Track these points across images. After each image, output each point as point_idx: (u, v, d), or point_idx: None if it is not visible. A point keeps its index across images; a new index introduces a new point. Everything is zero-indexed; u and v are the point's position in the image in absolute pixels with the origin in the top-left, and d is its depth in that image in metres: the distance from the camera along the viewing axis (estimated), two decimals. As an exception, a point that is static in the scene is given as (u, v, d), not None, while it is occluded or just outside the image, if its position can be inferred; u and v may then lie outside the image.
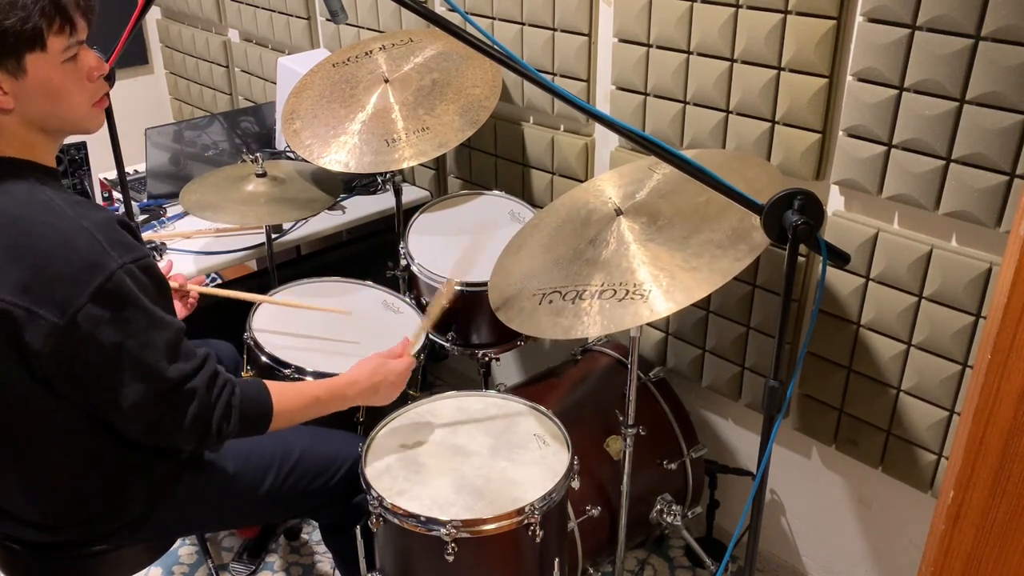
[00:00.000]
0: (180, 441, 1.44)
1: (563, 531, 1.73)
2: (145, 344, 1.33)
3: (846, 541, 2.11)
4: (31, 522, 1.49)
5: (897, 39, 1.59)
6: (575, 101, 1.30)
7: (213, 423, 1.42)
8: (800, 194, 1.24)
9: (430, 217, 2.31)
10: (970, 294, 1.64)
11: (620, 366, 2.16)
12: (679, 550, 2.38)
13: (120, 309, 1.31)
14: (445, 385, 3.00)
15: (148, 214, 2.50)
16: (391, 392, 1.68)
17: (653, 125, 2.05)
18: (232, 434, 1.46)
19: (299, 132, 2.22)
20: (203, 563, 2.36)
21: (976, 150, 1.55)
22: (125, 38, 1.71)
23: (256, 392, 1.50)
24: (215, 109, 3.64)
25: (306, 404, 1.56)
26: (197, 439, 1.43)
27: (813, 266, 1.92)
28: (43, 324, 1.29)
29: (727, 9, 1.82)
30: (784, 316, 1.29)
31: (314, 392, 1.59)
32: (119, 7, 1.89)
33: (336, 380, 1.63)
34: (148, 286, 1.35)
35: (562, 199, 1.97)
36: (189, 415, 1.39)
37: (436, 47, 2.32)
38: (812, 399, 1.98)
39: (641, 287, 1.54)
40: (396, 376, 1.68)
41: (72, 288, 1.28)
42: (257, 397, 1.49)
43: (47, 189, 1.35)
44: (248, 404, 1.47)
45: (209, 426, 1.41)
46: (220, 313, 2.02)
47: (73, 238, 1.30)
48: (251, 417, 1.48)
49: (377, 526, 1.62)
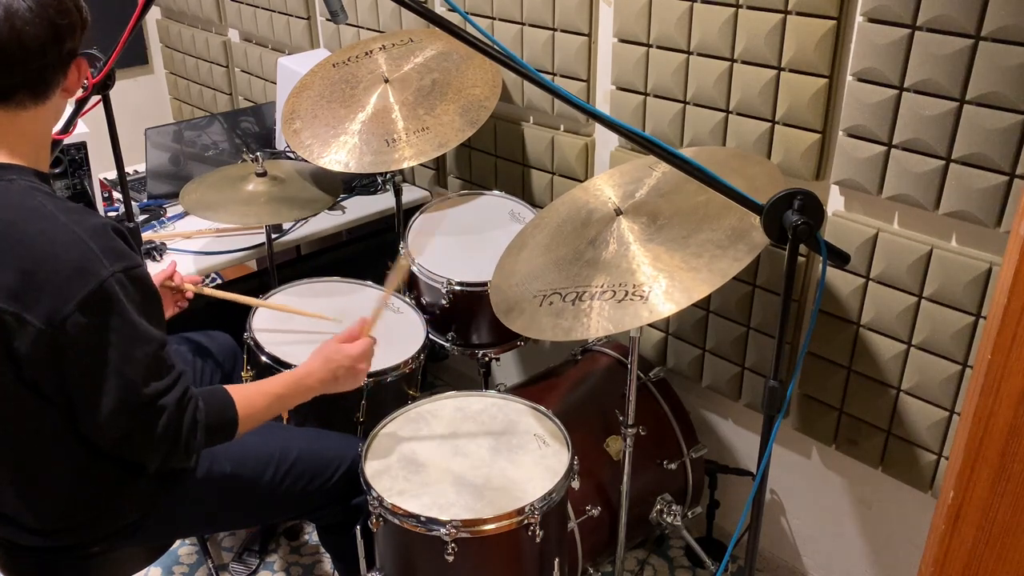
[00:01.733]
0: (148, 455, 1.43)
1: (563, 531, 1.73)
2: (125, 356, 1.32)
3: (846, 541, 2.11)
4: (27, 526, 1.49)
5: (897, 39, 1.59)
6: (575, 101, 1.30)
7: (181, 439, 1.40)
8: (800, 194, 1.24)
9: (430, 217, 2.31)
10: (970, 294, 1.64)
11: (620, 366, 2.16)
12: (679, 550, 2.38)
13: (106, 318, 1.30)
14: (445, 385, 3.00)
15: (148, 214, 2.50)
16: (352, 377, 1.65)
17: (653, 125, 2.05)
18: (200, 447, 1.44)
19: (299, 132, 2.22)
20: (203, 563, 2.35)
21: (976, 150, 1.55)
22: (125, 38, 1.71)
23: (219, 402, 1.48)
24: (215, 109, 3.64)
25: (269, 403, 1.55)
26: (164, 455, 1.41)
27: (813, 266, 1.92)
28: (31, 330, 1.28)
29: (727, 9, 1.82)
30: (784, 316, 1.29)
31: (275, 390, 1.57)
32: (119, 7, 1.89)
33: (294, 373, 1.62)
34: (136, 296, 1.34)
35: (562, 199, 1.97)
36: (158, 430, 1.37)
37: (436, 47, 2.32)
38: (812, 399, 1.98)
39: (641, 288, 1.54)
40: (352, 360, 1.64)
41: (61, 295, 1.28)
42: (221, 407, 1.48)
43: (39, 194, 1.35)
44: (213, 415, 1.45)
45: (177, 442, 1.40)
46: (220, 304, 2.02)
47: (65, 244, 1.29)
48: (217, 428, 1.47)
49: (377, 526, 1.62)
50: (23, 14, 1.27)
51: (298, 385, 1.60)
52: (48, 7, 1.30)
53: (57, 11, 1.31)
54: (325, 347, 1.65)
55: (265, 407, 1.55)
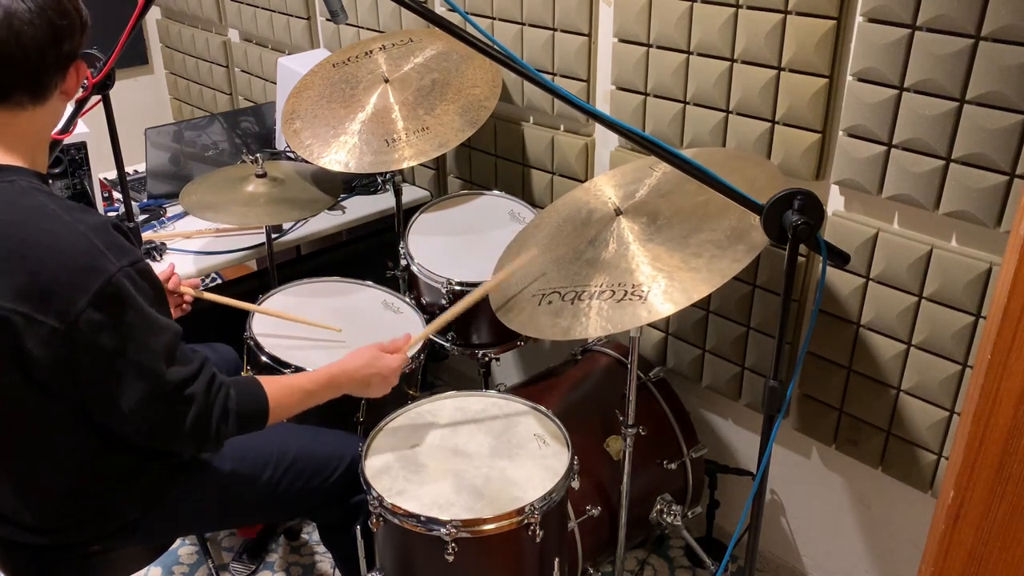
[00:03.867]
0: (180, 444, 1.44)
1: (563, 531, 1.73)
2: (144, 348, 1.33)
3: (846, 541, 2.10)
4: (27, 525, 1.49)
5: (897, 39, 1.59)
6: (575, 101, 1.30)
7: (212, 426, 1.41)
8: (800, 194, 1.24)
9: (430, 217, 2.31)
10: (970, 294, 1.64)
11: (620, 366, 2.16)
12: (679, 550, 2.38)
13: (119, 313, 1.31)
14: (445, 385, 3.00)
15: (148, 214, 2.50)
16: (382, 387, 1.68)
17: (653, 125, 2.05)
18: (230, 434, 1.46)
19: (299, 132, 2.22)
20: (203, 563, 2.35)
21: (976, 150, 1.55)
22: (125, 38, 1.71)
23: (252, 391, 1.50)
24: (215, 109, 3.64)
25: (301, 397, 1.57)
26: (197, 442, 1.43)
27: (813, 266, 1.92)
28: (43, 330, 1.28)
29: (727, 9, 1.82)
30: (784, 316, 1.29)
31: (306, 386, 1.58)
32: (119, 7, 1.89)
33: (328, 370, 1.63)
34: (146, 289, 1.35)
35: (563, 199, 1.97)
36: (189, 419, 1.39)
37: (436, 47, 2.32)
38: (812, 399, 1.98)
39: (640, 288, 1.54)
40: (389, 372, 1.67)
41: (71, 293, 1.28)
42: (253, 396, 1.49)
43: (40, 194, 1.35)
44: (245, 404, 1.47)
45: (208, 429, 1.41)
46: (221, 316, 2.02)
47: (70, 243, 1.30)
48: (248, 416, 1.48)
49: (377, 526, 1.62)
50: (22, 15, 1.28)
51: (330, 383, 1.61)
52: (48, 8, 1.30)
53: (57, 13, 1.31)
54: (367, 351, 1.67)
55: (297, 401, 1.56)
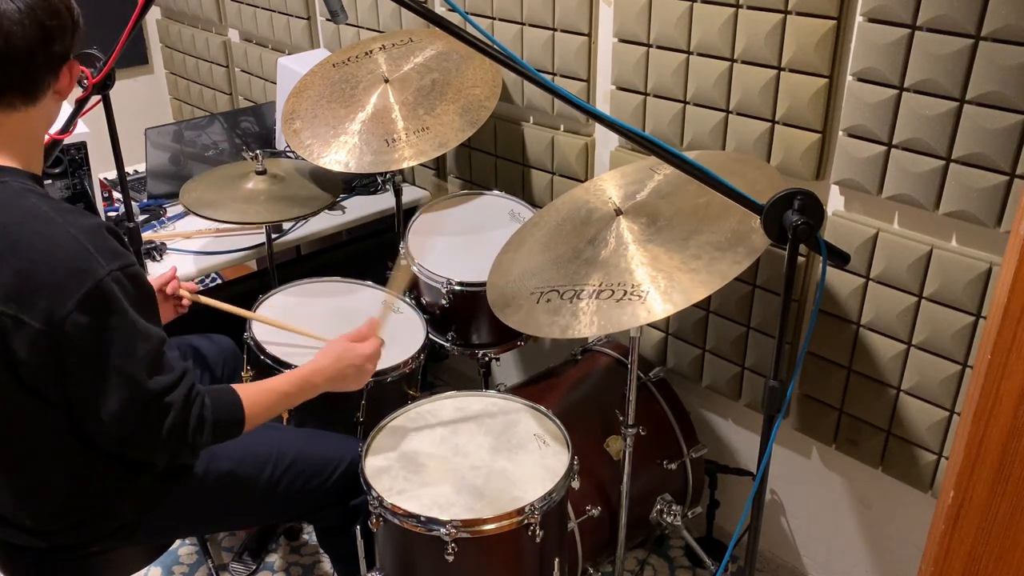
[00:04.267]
0: (154, 453, 1.43)
1: (563, 531, 1.73)
2: (127, 354, 1.33)
3: (846, 541, 2.10)
4: (26, 527, 1.49)
5: (897, 39, 1.59)
6: (575, 101, 1.30)
7: (188, 436, 1.40)
8: (800, 194, 1.24)
9: (430, 217, 2.31)
10: (970, 294, 1.64)
11: (620, 366, 2.16)
12: (679, 550, 2.38)
13: (105, 317, 1.30)
14: (445, 385, 3.00)
15: (148, 214, 2.50)
16: (359, 377, 1.67)
17: (653, 125, 2.05)
18: (206, 444, 1.45)
19: (299, 132, 2.22)
20: (203, 563, 2.35)
21: (976, 150, 1.55)
22: (125, 38, 1.71)
23: (227, 399, 1.49)
24: (215, 109, 3.64)
25: (276, 401, 1.56)
26: (172, 452, 1.42)
27: (813, 266, 1.92)
28: (29, 331, 1.28)
29: (727, 9, 1.82)
30: (784, 316, 1.29)
31: (282, 388, 1.58)
32: (119, 7, 1.89)
33: (301, 371, 1.62)
34: (134, 294, 1.34)
35: (563, 198, 1.97)
36: (165, 428, 1.37)
37: (436, 47, 2.32)
38: (812, 399, 1.98)
39: (639, 288, 1.54)
40: (363, 360, 1.66)
41: (59, 295, 1.28)
42: (229, 406, 1.48)
43: (33, 196, 1.35)
44: (220, 413, 1.46)
45: (184, 438, 1.40)
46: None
47: (61, 244, 1.29)
48: (224, 425, 1.47)
49: (377, 526, 1.62)
50: (11, 15, 1.28)
51: (305, 383, 1.60)
52: (37, 9, 1.30)
53: (46, 13, 1.31)
54: (335, 345, 1.66)
55: (272, 405, 1.55)
